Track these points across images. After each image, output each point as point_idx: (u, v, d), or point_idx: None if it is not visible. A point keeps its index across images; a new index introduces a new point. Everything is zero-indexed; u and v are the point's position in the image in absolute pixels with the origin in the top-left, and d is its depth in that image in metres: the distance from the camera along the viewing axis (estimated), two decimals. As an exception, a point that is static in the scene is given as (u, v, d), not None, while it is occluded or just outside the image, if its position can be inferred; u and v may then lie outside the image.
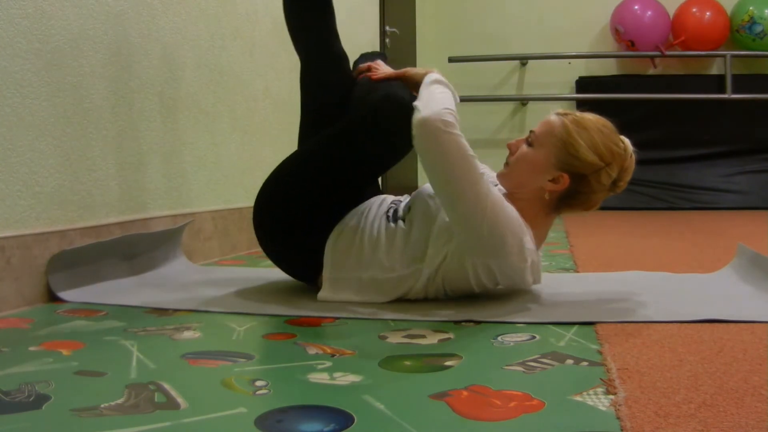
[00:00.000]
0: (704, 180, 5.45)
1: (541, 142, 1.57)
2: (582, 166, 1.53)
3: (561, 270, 2.16)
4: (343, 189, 1.68)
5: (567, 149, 1.53)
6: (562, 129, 1.54)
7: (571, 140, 1.53)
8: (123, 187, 1.99)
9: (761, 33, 5.19)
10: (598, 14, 5.68)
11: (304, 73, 1.84)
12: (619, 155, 1.54)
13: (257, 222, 1.72)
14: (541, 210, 1.60)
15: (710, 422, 0.83)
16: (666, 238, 3.13)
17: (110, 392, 0.98)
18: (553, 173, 1.55)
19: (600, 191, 1.57)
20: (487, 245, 1.47)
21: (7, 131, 1.57)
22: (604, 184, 1.55)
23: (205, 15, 2.44)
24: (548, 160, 1.55)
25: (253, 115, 2.80)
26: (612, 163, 1.53)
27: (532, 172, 1.57)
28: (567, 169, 1.54)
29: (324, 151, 1.67)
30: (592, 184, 1.54)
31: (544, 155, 1.56)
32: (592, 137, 1.53)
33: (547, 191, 1.56)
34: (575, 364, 1.11)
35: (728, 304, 1.52)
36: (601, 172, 1.53)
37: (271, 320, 1.46)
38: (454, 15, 5.98)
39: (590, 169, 1.53)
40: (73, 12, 1.78)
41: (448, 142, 1.43)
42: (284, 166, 1.72)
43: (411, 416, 0.88)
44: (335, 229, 1.64)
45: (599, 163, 1.52)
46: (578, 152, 1.52)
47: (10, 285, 1.57)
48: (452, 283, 1.57)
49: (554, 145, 1.54)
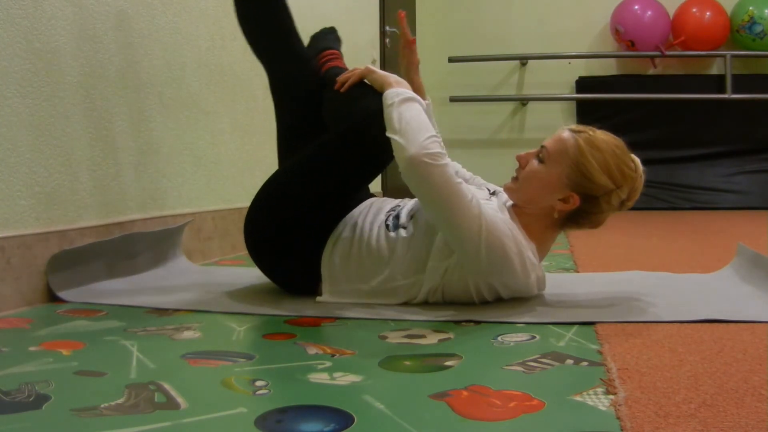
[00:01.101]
0: (704, 180, 5.45)
1: (554, 160, 1.54)
2: (594, 188, 1.51)
3: (561, 270, 2.16)
4: (332, 201, 1.66)
5: (580, 170, 1.51)
6: (576, 149, 1.51)
7: (584, 161, 1.50)
8: (123, 187, 1.99)
9: (761, 33, 5.19)
10: (598, 14, 5.68)
11: (270, 81, 1.83)
12: (630, 177, 1.53)
13: (250, 244, 1.70)
14: (548, 226, 1.59)
15: (710, 422, 0.83)
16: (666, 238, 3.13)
17: (110, 392, 0.98)
18: (564, 193, 1.53)
19: (608, 211, 1.56)
20: (488, 266, 1.48)
21: (7, 131, 1.57)
22: (613, 205, 1.54)
23: (205, 15, 2.44)
24: (560, 179, 1.53)
25: (253, 115, 2.80)
26: (623, 185, 1.52)
27: (542, 190, 1.55)
28: (578, 190, 1.52)
29: (308, 168, 1.66)
30: (602, 205, 1.53)
31: (556, 174, 1.53)
32: (606, 159, 1.51)
33: (557, 210, 1.55)
34: (575, 364, 1.11)
35: (728, 304, 1.52)
36: (612, 194, 1.51)
37: (271, 320, 1.46)
38: (454, 15, 5.98)
39: (602, 191, 1.51)
40: (73, 12, 1.78)
41: (437, 175, 1.43)
42: (269, 186, 1.70)
43: (411, 416, 0.88)
44: (329, 240, 1.62)
45: (611, 185, 1.51)
46: (592, 174, 1.50)
47: (10, 285, 1.57)
48: (453, 295, 1.56)
49: (567, 165, 1.52)
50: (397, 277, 1.57)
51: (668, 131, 5.48)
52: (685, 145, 5.48)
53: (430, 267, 1.53)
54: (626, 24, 5.34)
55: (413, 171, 1.43)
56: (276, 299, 1.65)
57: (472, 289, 1.53)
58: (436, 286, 1.55)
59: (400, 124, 1.46)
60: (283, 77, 1.81)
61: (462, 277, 1.52)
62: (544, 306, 1.56)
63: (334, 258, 1.61)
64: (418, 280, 1.55)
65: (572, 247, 2.74)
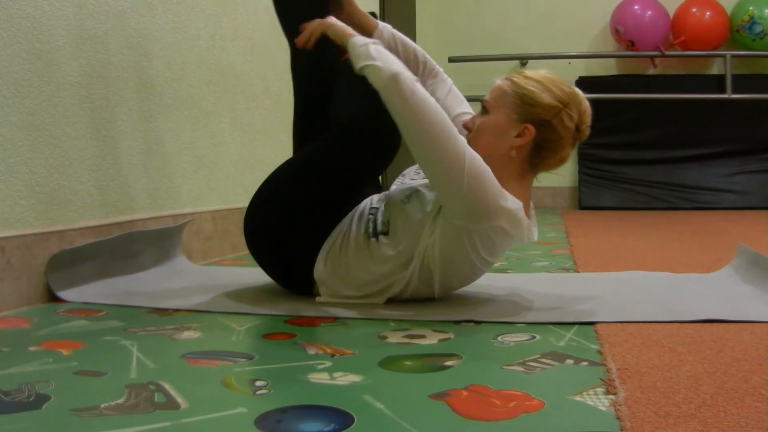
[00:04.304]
0: (704, 180, 5.45)
1: (496, 105, 1.57)
2: (542, 111, 1.53)
3: (561, 270, 2.16)
4: (328, 208, 1.65)
5: (523, 100, 1.54)
6: (512, 85, 1.56)
7: (523, 91, 1.54)
8: (123, 187, 1.99)
9: (761, 33, 5.19)
10: (598, 14, 5.68)
11: (292, 58, 1.82)
12: (573, 95, 1.56)
13: (249, 242, 1.71)
14: (515, 172, 1.56)
15: (710, 422, 0.83)
16: (666, 238, 3.13)
17: (110, 392, 0.98)
18: (518, 128, 1.54)
19: (566, 136, 1.56)
20: (471, 204, 1.45)
21: (7, 131, 1.57)
22: (568, 127, 1.54)
23: (205, 15, 2.44)
24: (509, 117, 1.55)
25: (253, 115, 2.80)
26: (569, 103, 1.54)
27: (496, 135, 1.56)
28: (529, 119, 1.54)
29: (307, 173, 1.65)
30: (558, 129, 1.54)
31: (503, 114, 1.55)
32: (542, 83, 1.55)
33: (515, 148, 1.54)
34: (575, 364, 1.11)
35: (728, 304, 1.52)
36: (562, 113, 1.53)
37: (271, 320, 1.46)
38: (454, 15, 5.98)
39: (551, 112, 1.53)
40: (73, 12, 1.78)
41: (422, 92, 1.44)
42: (269, 186, 1.70)
43: (411, 416, 0.88)
44: (323, 248, 1.62)
45: (557, 104, 1.53)
46: (534, 98, 1.53)
47: (10, 285, 1.57)
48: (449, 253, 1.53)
49: (510, 102, 1.55)
50: (386, 275, 1.57)
51: (668, 131, 5.47)
52: (685, 145, 5.48)
53: (419, 249, 1.53)
54: (626, 24, 5.34)
55: (398, 85, 1.43)
56: (276, 299, 1.66)
57: (467, 242, 1.50)
58: (430, 248, 1.53)
59: (377, 54, 1.48)
60: (304, 56, 1.77)
61: (455, 237, 1.50)
62: (544, 306, 1.56)
63: (327, 265, 1.61)
64: (404, 275, 1.56)
65: (572, 247, 2.74)
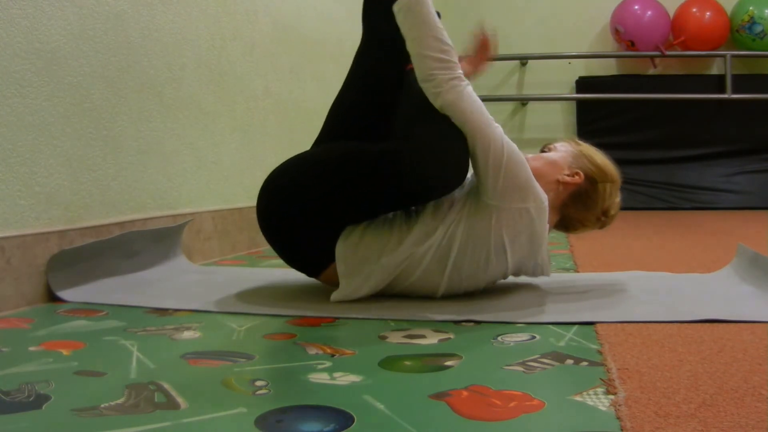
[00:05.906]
0: (704, 180, 5.45)
1: (558, 149, 1.76)
2: (596, 171, 1.70)
3: (561, 270, 2.16)
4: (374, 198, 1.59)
5: (584, 154, 1.73)
6: (576, 144, 1.77)
7: (587, 151, 1.74)
8: (123, 187, 1.99)
9: (761, 33, 5.19)
10: (598, 14, 5.68)
11: (359, 50, 1.80)
12: (618, 183, 1.74)
13: (267, 207, 1.65)
14: (551, 204, 1.67)
15: (710, 422, 0.83)
16: (666, 238, 3.13)
17: (110, 392, 0.98)
18: (572, 169, 1.70)
19: (600, 205, 1.71)
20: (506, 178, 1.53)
21: (7, 131, 1.57)
22: (605, 198, 1.70)
23: (205, 15, 2.44)
24: (565, 159, 1.72)
25: (253, 115, 2.80)
26: (617, 182, 1.73)
27: (552, 166, 1.71)
28: (583, 170, 1.70)
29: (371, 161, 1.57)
30: (599, 192, 1.70)
31: (561, 156, 1.73)
32: (602, 155, 1.75)
33: (563, 183, 1.69)
34: (575, 364, 1.11)
35: (728, 304, 1.52)
36: (608, 184, 1.71)
37: (271, 320, 1.46)
38: (454, 15, 5.98)
39: (601, 176, 1.70)
40: (73, 12, 1.78)
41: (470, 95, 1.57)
42: (317, 158, 1.65)
43: (411, 416, 0.88)
44: (346, 229, 1.60)
45: (609, 174, 1.72)
46: (594, 158, 1.72)
47: (10, 285, 1.57)
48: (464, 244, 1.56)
49: (572, 152, 1.74)
50: (404, 250, 1.56)
51: (668, 131, 5.47)
52: (685, 145, 5.48)
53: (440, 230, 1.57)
54: (626, 24, 5.34)
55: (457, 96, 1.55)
56: (276, 299, 1.66)
57: (493, 220, 1.54)
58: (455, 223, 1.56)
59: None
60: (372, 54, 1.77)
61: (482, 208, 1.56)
62: (544, 306, 1.56)
63: (349, 242, 1.58)
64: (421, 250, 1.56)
65: (572, 247, 2.74)
